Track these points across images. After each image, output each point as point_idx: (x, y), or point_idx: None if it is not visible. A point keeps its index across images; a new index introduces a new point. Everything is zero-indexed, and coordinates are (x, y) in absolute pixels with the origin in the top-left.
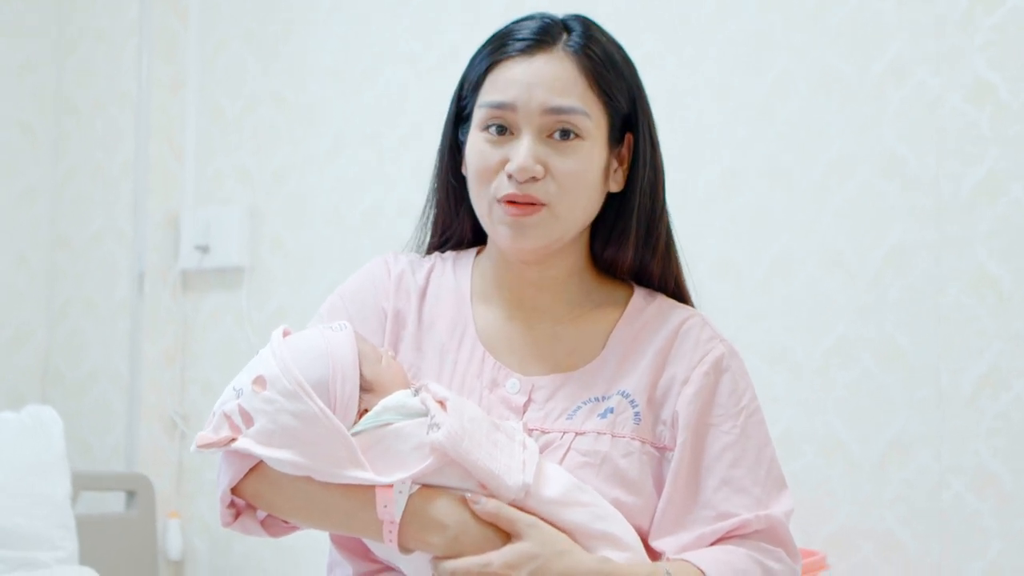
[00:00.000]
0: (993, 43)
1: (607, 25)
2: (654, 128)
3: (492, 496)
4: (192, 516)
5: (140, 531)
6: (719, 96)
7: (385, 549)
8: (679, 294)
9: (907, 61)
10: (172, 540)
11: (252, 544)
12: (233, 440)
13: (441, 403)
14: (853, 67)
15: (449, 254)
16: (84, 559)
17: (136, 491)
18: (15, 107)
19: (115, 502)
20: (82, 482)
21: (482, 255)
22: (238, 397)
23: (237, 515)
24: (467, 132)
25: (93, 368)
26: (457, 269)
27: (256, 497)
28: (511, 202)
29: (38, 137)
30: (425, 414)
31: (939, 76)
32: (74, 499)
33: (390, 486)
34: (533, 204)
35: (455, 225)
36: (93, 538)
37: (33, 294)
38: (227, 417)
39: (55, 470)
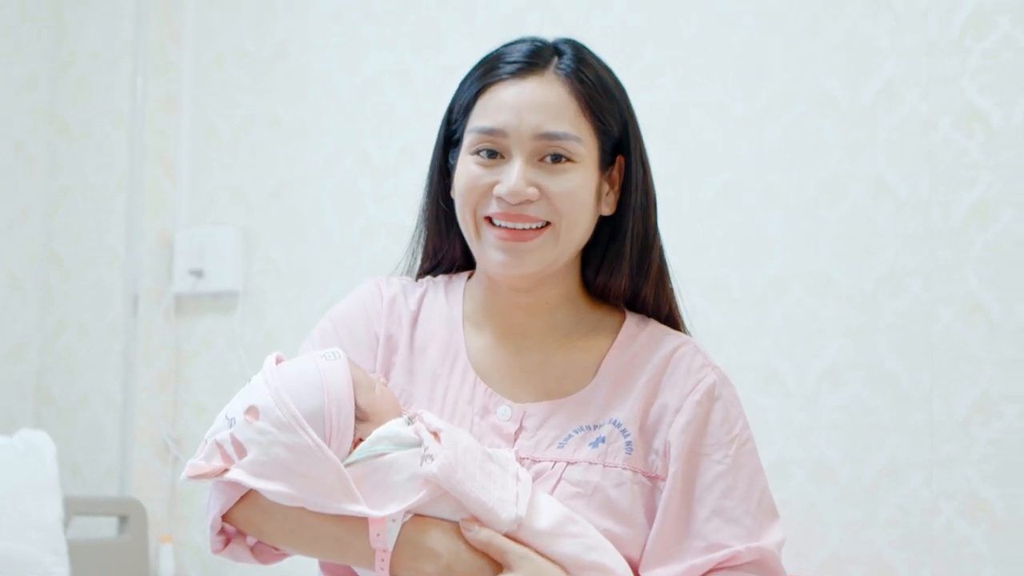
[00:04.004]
0: (985, 68)
1: (603, 42)
2: (645, 152)
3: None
4: (185, 541)
5: (132, 556)
6: (713, 115)
7: None
8: (672, 320)
9: (899, 85)
10: (165, 565)
11: (245, 569)
12: (225, 471)
13: (435, 434)
14: (846, 90)
15: (441, 279)
16: None
17: (128, 516)
18: (9, 126)
19: (108, 527)
20: (74, 507)
21: (473, 279)
22: (230, 427)
23: (227, 542)
24: (457, 156)
25: (85, 391)
26: (449, 294)
27: (247, 524)
28: (503, 226)
29: (32, 156)
30: (419, 444)
31: (930, 101)
32: (66, 524)
33: (383, 519)
34: (531, 228)
35: (446, 249)
36: (85, 563)
37: (25, 316)
38: (219, 446)
39: (47, 494)
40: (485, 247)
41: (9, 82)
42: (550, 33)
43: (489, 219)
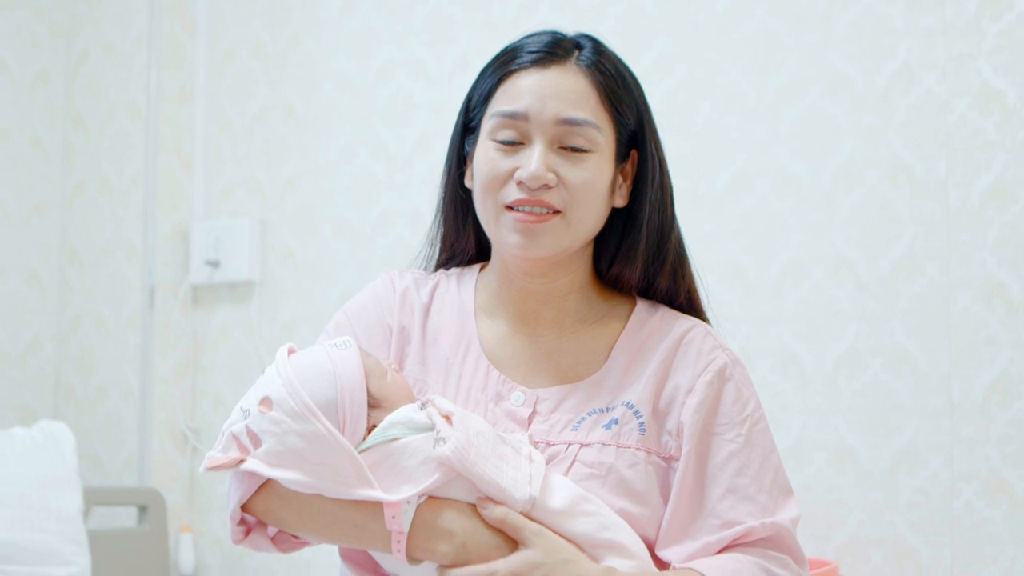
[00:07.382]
0: (1000, 49)
1: (617, 30)
2: (661, 148)
3: None
4: (204, 530)
5: (152, 546)
6: (728, 101)
7: (393, 562)
8: (690, 308)
9: (914, 67)
10: (184, 555)
11: (264, 558)
12: (242, 461)
13: (447, 417)
14: (861, 73)
15: (453, 271)
16: (96, 574)
17: (148, 506)
18: (25, 120)
19: (127, 517)
20: (94, 497)
21: (486, 270)
22: (245, 418)
23: (247, 532)
24: (473, 144)
25: (104, 383)
26: (461, 285)
27: (266, 513)
28: (522, 209)
29: (48, 151)
30: (431, 428)
31: (946, 82)
32: (86, 514)
33: (398, 503)
34: (545, 213)
35: (460, 240)
36: (105, 553)
37: (44, 309)
38: (235, 438)
39: (67, 485)
40: (502, 230)
41: (24, 77)
42: (564, 21)
43: (509, 207)
